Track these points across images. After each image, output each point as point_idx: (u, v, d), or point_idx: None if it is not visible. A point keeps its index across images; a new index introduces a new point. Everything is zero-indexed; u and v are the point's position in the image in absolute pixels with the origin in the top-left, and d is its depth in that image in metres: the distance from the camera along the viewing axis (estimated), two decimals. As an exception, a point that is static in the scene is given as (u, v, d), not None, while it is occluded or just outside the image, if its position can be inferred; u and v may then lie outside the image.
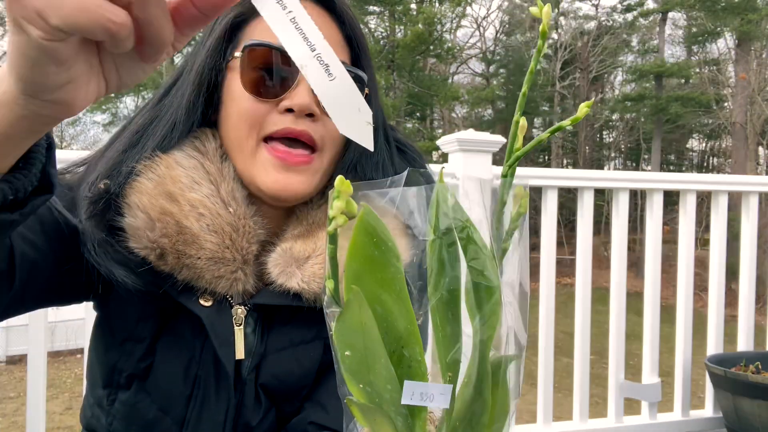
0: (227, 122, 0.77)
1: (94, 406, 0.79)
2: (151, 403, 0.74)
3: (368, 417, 0.41)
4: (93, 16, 0.35)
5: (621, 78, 23.43)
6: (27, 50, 0.37)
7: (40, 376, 1.71)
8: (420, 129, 19.66)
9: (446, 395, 0.38)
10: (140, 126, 0.77)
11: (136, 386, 0.75)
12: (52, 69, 0.37)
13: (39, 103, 0.40)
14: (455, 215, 0.40)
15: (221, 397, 0.74)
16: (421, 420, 0.41)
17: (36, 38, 0.35)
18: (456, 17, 18.46)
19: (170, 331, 0.75)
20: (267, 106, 0.73)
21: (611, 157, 24.52)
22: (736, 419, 2.25)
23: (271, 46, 0.73)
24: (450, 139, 2.15)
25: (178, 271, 0.71)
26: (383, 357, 0.39)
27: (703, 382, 2.54)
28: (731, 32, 17.00)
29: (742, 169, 15.35)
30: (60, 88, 0.39)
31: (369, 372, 0.39)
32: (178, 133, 0.75)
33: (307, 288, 0.74)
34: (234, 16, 0.76)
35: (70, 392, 6.35)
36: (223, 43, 0.76)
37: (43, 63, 0.37)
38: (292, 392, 0.78)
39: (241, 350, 0.74)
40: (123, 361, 0.75)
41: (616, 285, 2.39)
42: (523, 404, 4.22)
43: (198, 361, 0.74)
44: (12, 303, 0.69)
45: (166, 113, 0.77)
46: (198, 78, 0.76)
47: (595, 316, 2.57)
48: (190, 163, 0.74)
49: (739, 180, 2.60)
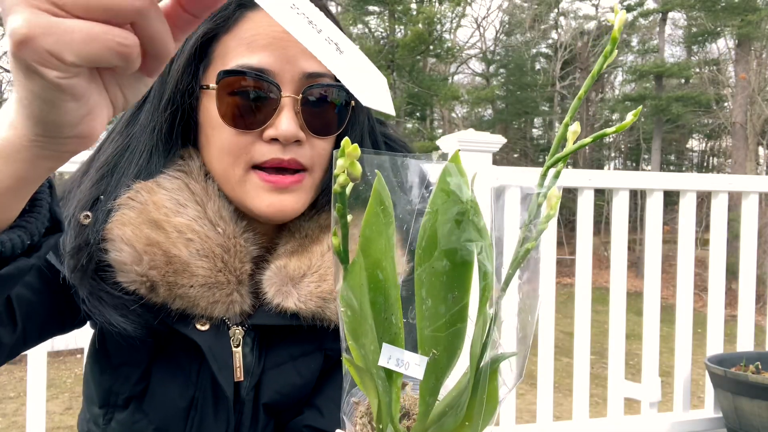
0: (209, 150, 0.74)
1: (90, 422, 0.78)
2: (149, 423, 0.73)
3: (360, 377, 0.43)
4: (104, 44, 0.35)
5: (621, 78, 23.44)
6: (44, 93, 0.36)
7: (40, 376, 1.71)
8: (420, 129, 19.65)
9: (421, 366, 0.40)
10: (109, 157, 0.73)
11: (133, 406, 0.74)
12: (71, 106, 0.37)
13: (61, 140, 0.39)
14: (457, 194, 0.41)
15: (220, 418, 0.73)
16: (396, 388, 0.42)
17: (53, 79, 0.35)
18: (456, 17, 18.45)
19: (166, 355, 0.74)
20: (250, 137, 0.70)
21: (611, 157, 24.51)
22: (736, 419, 2.25)
23: (247, 72, 0.69)
24: (450, 139, 2.15)
25: (171, 301, 0.69)
26: (371, 319, 0.41)
27: (703, 382, 2.54)
28: (731, 32, 17.00)
29: (742, 169, 15.35)
30: (80, 122, 0.38)
31: (361, 333, 0.41)
32: (155, 164, 0.72)
33: (305, 308, 0.72)
34: (202, 34, 0.72)
35: (70, 392, 6.34)
36: (193, 63, 0.72)
37: (63, 101, 0.36)
38: (294, 403, 0.78)
39: (240, 371, 0.73)
40: (119, 384, 0.75)
41: (616, 285, 2.39)
42: (523, 404, 4.22)
43: (195, 383, 0.73)
44: (16, 343, 0.69)
45: (138, 143, 0.73)
46: (171, 107, 0.72)
47: (595, 316, 2.57)
48: (173, 185, 0.72)
49: (739, 180, 2.60)
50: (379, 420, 0.43)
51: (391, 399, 0.42)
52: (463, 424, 0.43)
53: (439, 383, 0.43)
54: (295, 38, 0.39)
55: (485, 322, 0.42)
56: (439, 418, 0.43)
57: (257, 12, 0.71)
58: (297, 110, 0.71)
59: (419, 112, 19.74)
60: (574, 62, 20.97)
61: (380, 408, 0.42)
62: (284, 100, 0.70)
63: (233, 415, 0.74)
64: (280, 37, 0.70)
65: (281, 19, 0.39)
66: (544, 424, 2.26)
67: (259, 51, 0.70)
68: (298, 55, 0.70)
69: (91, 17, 0.34)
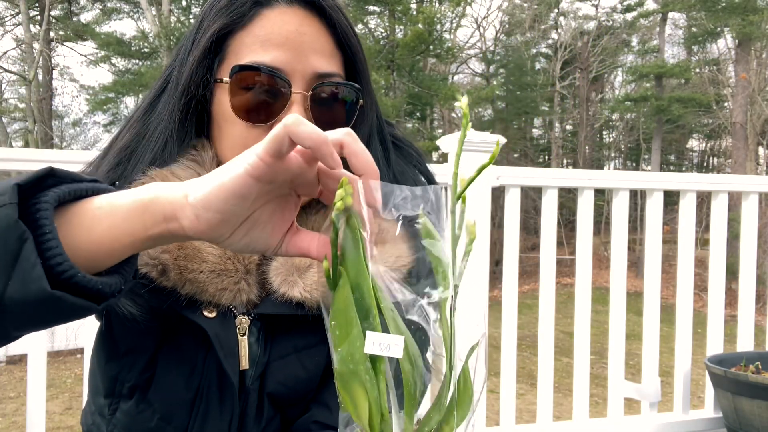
0: (222, 141, 0.76)
1: (95, 414, 0.79)
2: (154, 412, 0.74)
3: (347, 387, 0.47)
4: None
5: (621, 78, 23.45)
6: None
7: (40, 376, 1.71)
8: (420, 129, 19.65)
9: (399, 345, 0.44)
10: (127, 142, 0.76)
11: (138, 396, 0.74)
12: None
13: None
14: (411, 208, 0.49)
15: (225, 407, 0.74)
16: (382, 378, 0.47)
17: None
18: (456, 17, 18.44)
19: (172, 342, 0.75)
20: (260, 130, 0.72)
21: (611, 157, 24.53)
22: (736, 419, 2.25)
23: (261, 68, 0.71)
24: (450, 138, 2.15)
25: (181, 285, 0.71)
26: (357, 327, 0.46)
27: (703, 382, 2.54)
28: (731, 32, 16.99)
29: (742, 169, 15.35)
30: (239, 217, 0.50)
31: (348, 341, 0.46)
32: (170, 152, 0.74)
33: (310, 297, 0.73)
34: (219, 28, 0.74)
35: (70, 392, 6.35)
36: (208, 57, 0.74)
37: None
38: (299, 397, 0.78)
39: (245, 360, 0.74)
40: (125, 372, 0.75)
41: (616, 285, 2.39)
42: (523, 404, 4.22)
43: (200, 371, 0.74)
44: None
45: (154, 131, 0.76)
46: (185, 97, 0.74)
47: (595, 316, 2.58)
48: (187, 174, 0.73)
49: (739, 180, 2.60)
50: (371, 427, 0.46)
51: (379, 391, 0.46)
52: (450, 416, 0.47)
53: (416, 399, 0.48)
54: (308, 38, 0.41)
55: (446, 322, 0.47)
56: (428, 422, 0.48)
57: (273, 10, 0.73)
58: (306, 107, 0.73)
59: (419, 112, 19.75)
60: (574, 62, 20.97)
61: (371, 410, 0.46)
62: (294, 96, 0.72)
63: (238, 404, 0.74)
64: (294, 37, 0.72)
65: None
66: (544, 424, 2.26)
67: (272, 49, 0.72)
68: (310, 55, 0.73)
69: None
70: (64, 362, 7.25)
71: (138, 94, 16.62)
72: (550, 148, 21.73)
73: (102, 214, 0.50)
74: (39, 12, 16.84)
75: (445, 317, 0.47)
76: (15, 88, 18.84)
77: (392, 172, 0.83)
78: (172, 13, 16.33)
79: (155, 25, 15.41)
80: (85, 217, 0.51)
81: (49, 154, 1.74)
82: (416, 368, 0.46)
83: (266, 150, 0.47)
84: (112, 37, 16.78)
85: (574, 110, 21.42)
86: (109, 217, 0.50)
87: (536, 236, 18.21)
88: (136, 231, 0.50)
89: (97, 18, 18.37)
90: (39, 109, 16.02)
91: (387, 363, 0.47)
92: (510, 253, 2.26)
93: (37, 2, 16.68)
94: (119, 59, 17.93)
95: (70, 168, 1.14)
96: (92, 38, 17.40)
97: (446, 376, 0.47)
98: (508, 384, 2.23)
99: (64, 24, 17.99)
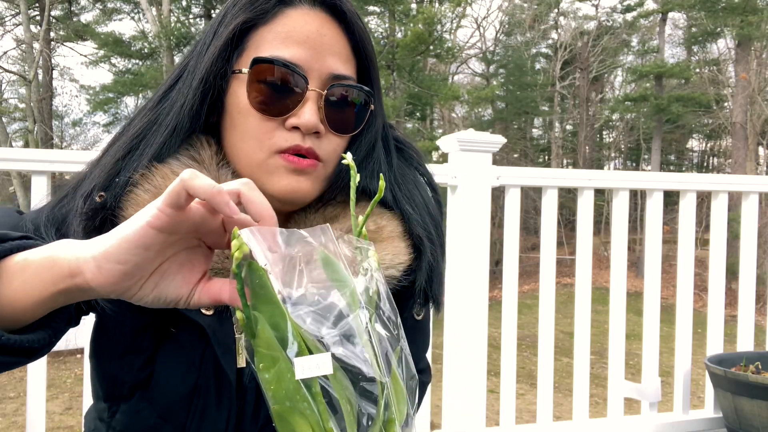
0: (233, 132, 0.77)
1: (96, 420, 0.79)
2: (152, 411, 0.74)
3: (287, 425, 0.49)
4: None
5: (621, 78, 23.45)
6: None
7: (40, 376, 1.71)
8: (420, 129, 19.64)
9: (328, 362, 0.46)
10: (139, 130, 0.76)
11: (138, 395, 0.75)
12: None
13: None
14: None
15: (222, 405, 0.74)
16: (320, 402, 0.49)
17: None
18: (456, 17, 18.43)
19: (169, 340, 0.75)
20: (274, 123, 0.74)
21: (611, 157, 24.53)
22: (736, 419, 2.25)
23: (280, 62, 0.73)
24: (450, 139, 2.15)
25: None
26: (285, 361, 0.48)
27: (703, 382, 2.54)
28: (731, 32, 16.99)
29: (742, 169, 15.35)
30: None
31: (277, 377, 0.48)
32: (178, 140, 0.75)
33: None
34: (242, 22, 0.75)
35: (70, 392, 6.35)
36: (229, 49, 0.75)
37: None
38: None
39: (242, 358, 0.74)
40: (124, 372, 0.75)
41: (616, 285, 2.39)
42: (523, 404, 4.22)
43: (198, 369, 0.74)
44: None
45: (165, 117, 0.77)
46: (202, 85, 0.75)
47: (595, 316, 2.58)
48: None
49: (739, 180, 2.60)
50: None
51: (319, 412, 0.48)
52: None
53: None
54: (327, 39, 0.43)
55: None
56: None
57: (296, 10, 0.75)
58: (320, 105, 0.75)
59: (419, 112, 19.74)
60: (574, 62, 20.97)
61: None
62: (309, 93, 0.74)
63: (235, 402, 0.74)
64: (314, 37, 0.74)
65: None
66: (544, 424, 2.26)
67: (292, 46, 0.74)
68: (328, 56, 0.75)
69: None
70: (64, 362, 7.26)
71: (138, 94, 16.63)
72: (550, 148, 21.72)
73: (17, 270, 0.54)
74: (39, 12, 16.82)
75: (367, 334, 0.50)
76: (15, 88, 18.82)
77: (393, 175, 0.83)
78: (172, 13, 16.34)
79: (155, 25, 15.42)
80: (7, 274, 0.54)
81: (49, 154, 1.74)
82: (346, 389, 0.49)
83: (165, 202, 0.49)
84: (112, 37, 16.79)
85: (574, 110, 21.43)
86: (23, 272, 0.53)
87: (536, 236, 18.22)
88: (46, 286, 0.53)
89: (97, 18, 18.37)
90: (39, 109, 15.99)
91: (319, 385, 0.48)
92: (510, 253, 2.26)
93: (37, 2, 16.67)
94: (119, 59, 17.94)
95: (71, 168, 1.13)
96: (92, 38, 17.40)
97: (379, 389, 0.49)
98: (508, 384, 2.23)
99: (64, 24, 17.98)
